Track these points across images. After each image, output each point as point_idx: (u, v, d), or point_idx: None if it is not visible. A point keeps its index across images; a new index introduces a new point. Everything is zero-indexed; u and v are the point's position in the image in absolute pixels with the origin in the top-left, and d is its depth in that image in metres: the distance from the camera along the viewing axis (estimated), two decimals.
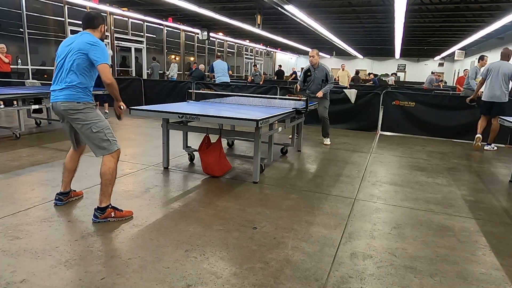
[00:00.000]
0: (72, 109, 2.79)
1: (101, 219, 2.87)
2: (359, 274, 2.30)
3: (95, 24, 2.93)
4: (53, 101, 2.88)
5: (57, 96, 2.83)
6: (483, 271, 2.39)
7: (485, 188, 4.26)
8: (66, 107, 2.79)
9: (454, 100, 7.64)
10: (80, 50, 2.73)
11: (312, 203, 3.50)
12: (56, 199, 3.16)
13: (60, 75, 2.83)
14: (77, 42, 2.78)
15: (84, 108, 2.81)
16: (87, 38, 2.78)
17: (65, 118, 2.93)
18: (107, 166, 2.87)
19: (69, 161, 3.15)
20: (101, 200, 2.89)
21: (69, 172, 3.16)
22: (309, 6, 10.98)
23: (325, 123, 6.34)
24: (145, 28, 15.93)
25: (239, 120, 3.65)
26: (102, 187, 2.88)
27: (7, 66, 9.11)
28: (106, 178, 2.87)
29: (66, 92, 2.79)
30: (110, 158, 2.90)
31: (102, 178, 2.87)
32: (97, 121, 2.87)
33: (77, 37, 2.84)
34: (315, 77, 6.11)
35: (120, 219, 2.93)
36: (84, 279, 2.11)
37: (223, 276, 2.19)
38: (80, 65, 2.76)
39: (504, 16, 10.32)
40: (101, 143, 2.87)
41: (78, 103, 2.80)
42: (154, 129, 7.18)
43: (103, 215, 2.87)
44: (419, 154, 5.94)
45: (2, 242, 2.49)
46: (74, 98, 2.79)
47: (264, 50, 28.28)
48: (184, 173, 4.36)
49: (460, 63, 24.45)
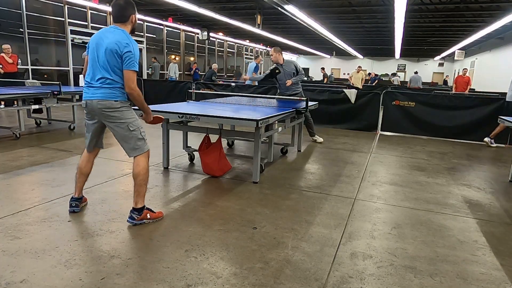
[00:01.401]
0: (110, 108, 2.73)
1: (138, 220, 2.83)
2: (359, 274, 2.30)
3: (125, 16, 2.76)
4: (88, 98, 2.78)
5: (94, 94, 2.74)
6: (483, 271, 2.39)
7: (485, 188, 4.26)
8: (104, 105, 2.73)
9: (454, 100, 7.64)
10: (112, 50, 2.64)
11: (312, 203, 3.50)
12: (73, 206, 3.03)
13: (94, 72, 2.75)
14: (110, 41, 2.66)
15: (121, 106, 2.76)
16: (119, 38, 2.66)
17: (98, 117, 2.84)
18: (141, 167, 2.82)
19: (85, 164, 3.04)
20: (137, 201, 2.83)
21: (84, 176, 3.05)
22: (309, 6, 10.99)
23: (308, 122, 6.26)
24: (145, 28, 15.94)
25: (239, 120, 3.65)
26: (137, 187, 2.82)
27: (12, 66, 9.12)
28: (141, 179, 2.82)
29: (103, 90, 2.72)
30: (143, 158, 2.85)
31: (136, 179, 2.82)
32: (134, 120, 2.82)
33: (109, 32, 2.71)
34: (285, 73, 5.90)
35: (154, 220, 2.90)
36: (84, 279, 2.11)
37: (223, 276, 2.19)
38: (114, 65, 2.68)
39: (504, 16, 10.32)
40: (137, 142, 2.82)
41: (116, 101, 2.74)
42: (154, 129, 7.17)
43: (140, 216, 2.83)
44: (419, 154, 5.94)
45: (2, 242, 2.49)
46: (111, 97, 2.73)
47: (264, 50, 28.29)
48: (184, 173, 4.36)
49: (460, 63, 24.45)
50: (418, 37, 17.80)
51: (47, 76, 11.72)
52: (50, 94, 6.16)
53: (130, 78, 2.67)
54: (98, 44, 2.72)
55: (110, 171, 4.23)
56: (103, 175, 4.05)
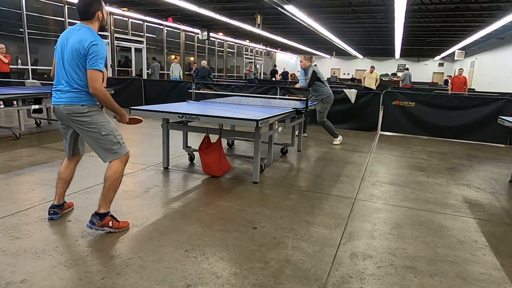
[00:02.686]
0: (77, 113, 2.57)
1: (98, 226, 2.64)
2: (359, 274, 2.30)
3: (90, 13, 2.59)
4: (55, 103, 2.62)
5: (60, 99, 2.59)
6: (483, 271, 2.39)
7: (485, 188, 4.26)
8: (70, 110, 2.56)
9: (454, 100, 7.64)
10: (76, 50, 2.48)
11: (312, 203, 3.50)
12: (51, 213, 2.88)
13: (59, 75, 2.60)
14: (74, 40, 2.50)
15: (89, 111, 2.58)
16: (83, 36, 2.49)
17: (67, 123, 2.69)
18: (113, 170, 2.65)
19: (64, 170, 2.87)
20: (101, 206, 2.66)
21: (65, 182, 2.88)
22: (309, 6, 10.99)
23: (325, 127, 6.39)
24: (145, 28, 15.94)
25: (239, 120, 3.65)
26: (104, 191, 2.66)
27: (6, 66, 9.13)
28: (110, 183, 2.65)
29: (69, 94, 2.56)
30: (119, 162, 2.68)
31: (105, 182, 2.65)
32: (105, 123, 2.63)
33: (74, 31, 2.56)
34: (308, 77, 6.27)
35: (116, 230, 2.70)
36: (84, 279, 2.11)
37: (223, 276, 2.19)
38: (79, 66, 2.51)
39: (504, 16, 10.32)
40: (112, 147, 2.65)
41: (82, 105, 2.56)
42: (154, 129, 7.18)
43: (101, 222, 2.64)
44: (419, 154, 5.94)
45: (2, 242, 2.49)
46: (77, 101, 2.56)
47: (264, 50, 28.29)
48: (184, 173, 4.36)
49: (460, 63, 24.45)
50: (418, 37, 17.80)
51: (47, 76, 11.71)
52: (50, 94, 6.15)
53: (93, 77, 2.47)
54: (63, 45, 2.58)
55: None
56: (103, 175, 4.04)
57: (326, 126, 6.36)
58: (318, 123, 6.36)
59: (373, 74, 13.15)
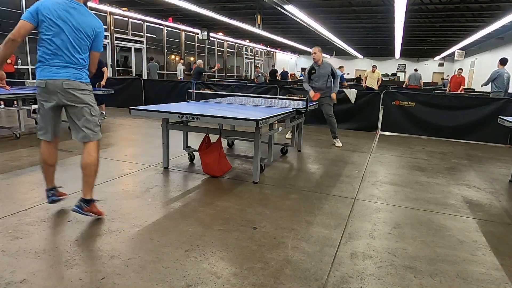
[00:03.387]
0: (77, 89, 2.66)
1: (85, 211, 2.77)
2: (359, 274, 2.30)
3: None
4: (50, 77, 2.61)
5: (57, 73, 2.61)
6: (483, 271, 2.39)
7: (485, 188, 4.26)
8: (70, 86, 2.63)
9: (454, 100, 7.64)
10: (87, 34, 2.65)
11: (312, 203, 3.50)
12: (50, 196, 2.96)
13: (60, 50, 2.61)
14: (83, 22, 2.63)
15: (85, 89, 2.73)
16: (92, 21, 2.68)
17: (57, 99, 2.69)
18: (93, 157, 2.77)
19: (48, 155, 2.91)
20: (86, 193, 2.77)
21: (51, 166, 2.95)
22: (309, 6, 10.98)
23: (331, 122, 6.27)
24: (145, 28, 15.94)
25: (239, 120, 3.65)
26: (88, 178, 2.75)
27: (10, 66, 9.15)
28: (93, 169, 2.77)
29: (71, 70, 2.64)
30: (96, 147, 2.80)
31: (87, 169, 2.74)
32: (95, 105, 2.83)
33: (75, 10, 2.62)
34: (320, 74, 6.05)
35: (97, 216, 2.88)
36: (84, 279, 2.11)
37: (223, 276, 2.19)
38: (85, 46, 2.68)
39: (504, 16, 10.32)
40: (94, 128, 2.79)
41: (82, 82, 2.69)
42: (154, 129, 7.18)
43: (88, 208, 2.77)
44: (419, 154, 5.94)
45: (2, 242, 2.49)
46: (79, 77, 2.67)
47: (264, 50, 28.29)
48: (184, 173, 4.36)
49: (460, 63, 24.45)
50: (418, 37, 17.80)
51: None
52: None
53: (97, 59, 2.77)
54: (64, 21, 2.60)
55: (110, 171, 4.23)
56: (103, 175, 4.05)
57: (333, 121, 6.28)
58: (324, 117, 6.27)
59: (375, 73, 13.02)
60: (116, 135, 6.37)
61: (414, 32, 16.06)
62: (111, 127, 7.18)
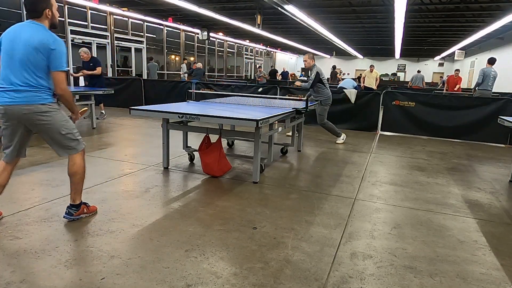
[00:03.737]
0: (37, 112, 2.49)
1: (76, 216, 2.85)
2: (359, 274, 2.30)
3: (38, 11, 2.47)
4: (7, 103, 2.45)
5: (14, 98, 2.45)
6: (483, 271, 2.39)
7: (485, 188, 4.26)
8: (30, 110, 2.47)
9: (454, 100, 7.64)
10: (35, 48, 2.40)
11: (312, 203, 3.50)
12: None
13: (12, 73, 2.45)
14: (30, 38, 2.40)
15: (48, 110, 2.54)
16: (42, 35, 2.41)
17: (20, 124, 2.56)
18: (78, 165, 2.77)
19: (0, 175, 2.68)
20: (75, 198, 2.84)
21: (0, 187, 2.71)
22: (309, 6, 10.99)
23: (327, 128, 6.41)
24: (145, 28, 15.94)
25: (239, 120, 3.65)
26: (75, 185, 2.81)
27: None
28: (79, 177, 2.81)
29: (27, 94, 2.45)
30: (79, 156, 2.78)
31: (73, 177, 2.78)
32: (65, 122, 2.65)
33: (27, 27, 2.45)
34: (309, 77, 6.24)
35: (90, 214, 2.95)
36: (84, 279, 2.11)
37: (223, 276, 2.19)
38: (38, 65, 2.44)
39: (504, 16, 10.32)
40: (70, 143, 2.71)
41: (43, 104, 2.50)
42: (154, 129, 7.17)
43: (78, 212, 2.86)
44: (419, 154, 5.94)
45: (2, 242, 2.49)
46: (36, 100, 2.48)
47: (264, 50, 28.29)
48: (184, 173, 4.36)
49: (460, 63, 24.45)
50: (418, 37, 17.80)
51: None
52: None
53: (60, 79, 2.46)
54: (14, 42, 2.45)
55: (110, 171, 4.24)
56: (103, 175, 4.05)
57: (327, 127, 6.36)
58: (319, 124, 6.36)
59: (373, 73, 12.95)
60: (116, 135, 6.37)
61: (414, 32, 16.06)
62: (111, 127, 7.18)
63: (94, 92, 6.94)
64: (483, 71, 8.70)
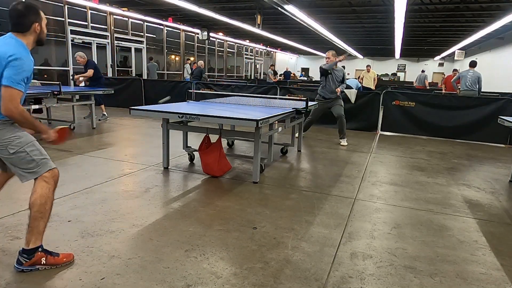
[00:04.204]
0: None
1: (27, 266, 2.14)
2: (359, 274, 2.30)
3: (24, 25, 2.16)
4: None
5: None
6: (483, 271, 2.39)
7: (485, 188, 4.26)
8: None
9: (454, 100, 7.64)
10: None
11: (312, 203, 3.50)
12: None
13: None
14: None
15: None
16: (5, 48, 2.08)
17: None
18: (38, 194, 2.15)
19: None
20: (29, 240, 2.15)
21: None
22: (309, 6, 10.98)
23: (341, 122, 6.41)
24: (145, 28, 15.93)
25: (239, 120, 3.65)
26: (32, 221, 2.14)
27: None
28: (37, 210, 2.13)
29: None
30: (43, 183, 2.19)
31: (31, 210, 2.14)
32: (14, 139, 2.13)
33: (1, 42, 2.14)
34: (334, 77, 6.27)
35: (52, 267, 2.19)
36: (84, 279, 2.11)
37: (223, 276, 2.19)
38: None
39: (504, 16, 10.32)
40: (27, 165, 2.16)
41: None
42: (154, 129, 7.18)
43: (30, 261, 2.14)
44: (419, 154, 5.94)
45: (2, 242, 2.49)
46: None
47: (264, 50, 28.28)
48: (184, 173, 4.36)
49: (460, 63, 24.44)
50: (418, 37, 17.79)
51: (47, 76, 11.71)
52: (50, 94, 6.16)
53: (7, 96, 2.02)
54: None
55: (110, 171, 4.24)
56: (103, 175, 4.05)
57: (344, 121, 6.43)
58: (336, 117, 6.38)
59: (370, 73, 12.94)
60: (116, 135, 6.37)
61: (414, 32, 16.05)
62: (111, 127, 7.18)
63: (94, 92, 6.96)
64: (459, 74, 9.22)
